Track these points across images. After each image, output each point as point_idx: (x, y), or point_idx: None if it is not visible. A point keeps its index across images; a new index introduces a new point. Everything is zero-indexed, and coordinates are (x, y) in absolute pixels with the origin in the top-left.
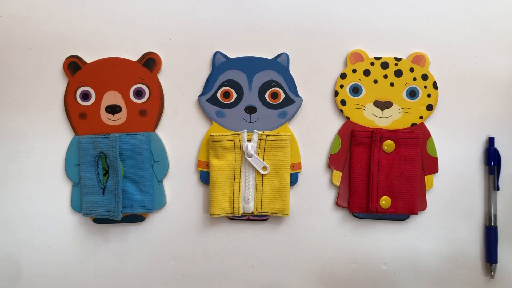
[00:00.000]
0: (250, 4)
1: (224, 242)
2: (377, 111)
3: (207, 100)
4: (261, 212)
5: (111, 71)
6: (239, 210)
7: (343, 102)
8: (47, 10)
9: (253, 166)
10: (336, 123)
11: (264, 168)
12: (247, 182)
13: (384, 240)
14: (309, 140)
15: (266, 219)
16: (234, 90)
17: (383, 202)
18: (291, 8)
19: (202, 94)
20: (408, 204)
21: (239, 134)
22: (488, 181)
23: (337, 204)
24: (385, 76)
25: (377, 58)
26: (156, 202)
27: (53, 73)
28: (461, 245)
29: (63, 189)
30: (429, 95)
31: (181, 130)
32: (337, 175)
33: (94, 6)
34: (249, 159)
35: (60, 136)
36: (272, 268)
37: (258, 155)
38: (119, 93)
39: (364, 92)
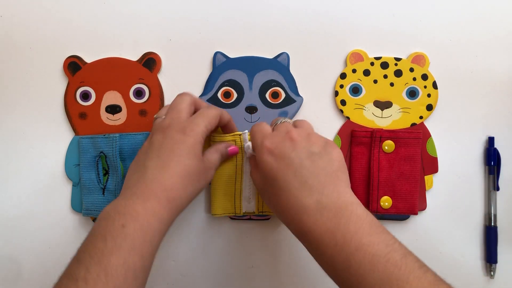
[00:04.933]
0: (250, 4)
1: (224, 242)
2: (377, 111)
3: (208, 100)
4: (262, 212)
5: (111, 71)
6: (240, 209)
7: (343, 102)
8: (47, 10)
9: None
10: (336, 123)
11: None
12: (248, 182)
13: None
14: None
15: (268, 219)
16: (235, 90)
17: (384, 202)
18: (291, 8)
19: (203, 94)
20: (408, 204)
21: (240, 134)
22: (488, 181)
23: None
24: (385, 76)
25: (377, 58)
26: None
27: (53, 73)
28: (461, 245)
29: (63, 189)
30: (429, 95)
31: None
32: None
33: (94, 6)
34: None
35: (60, 136)
36: (273, 268)
37: None
38: (119, 93)
39: (364, 92)
